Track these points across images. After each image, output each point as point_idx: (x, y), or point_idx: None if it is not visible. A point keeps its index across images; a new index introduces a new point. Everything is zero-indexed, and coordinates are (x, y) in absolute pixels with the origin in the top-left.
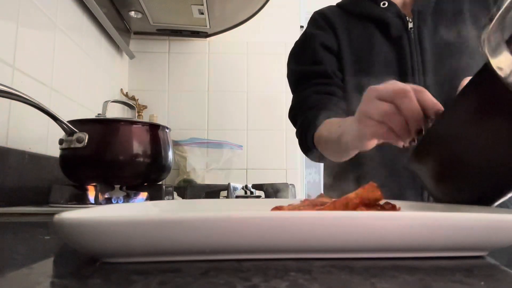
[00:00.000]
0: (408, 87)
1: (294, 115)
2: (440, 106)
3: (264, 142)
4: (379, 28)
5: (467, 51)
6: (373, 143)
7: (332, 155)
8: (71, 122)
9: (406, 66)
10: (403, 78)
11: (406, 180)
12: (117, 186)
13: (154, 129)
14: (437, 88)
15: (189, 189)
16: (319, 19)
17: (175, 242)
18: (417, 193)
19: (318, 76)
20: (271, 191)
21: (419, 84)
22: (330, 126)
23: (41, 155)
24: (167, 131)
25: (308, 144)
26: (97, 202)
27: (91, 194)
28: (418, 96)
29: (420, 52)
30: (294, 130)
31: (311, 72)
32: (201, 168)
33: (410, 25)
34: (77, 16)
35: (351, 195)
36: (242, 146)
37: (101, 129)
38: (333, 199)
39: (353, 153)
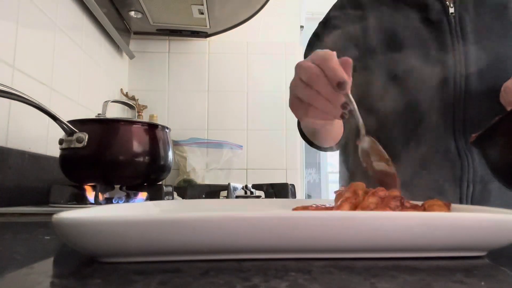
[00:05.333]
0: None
1: None
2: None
3: (264, 142)
4: (415, 10)
5: (508, 41)
6: (312, 117)
7: (316, 142)
8: (71, 122)
9: (447, 52)
10: (444, 64)
11: (444, 172)
12: (117, 186)
13: (154, 129)
14: (480, 76)
15: (189, 189)
16: (345, 0)
17: (175, 242)
18: (456, 184)
19: None
20: (271, 191)
21: (460, 71)
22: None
23: (41, 155)
24: (167, 131)
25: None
26: (97, 202)
27: (91, 194)
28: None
29: (462, 38)
30: (294, 130)
31: None
32: (201, 168)
33: (451, 10)
34: (77, 16)
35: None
36: (242, 146)
37: (101, 129)
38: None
39: (322, 137)
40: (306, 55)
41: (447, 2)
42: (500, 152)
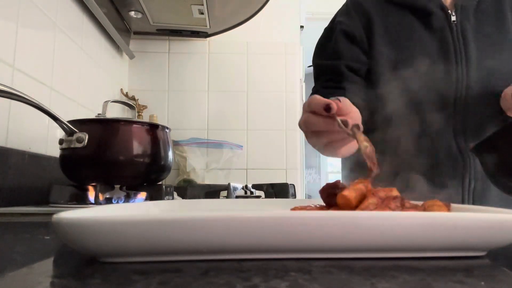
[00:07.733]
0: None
1: None
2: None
3: (264, 142)
4: (419, 18)
5: (508, 49)
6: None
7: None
8: (71, 122)
9: (449, 58)
10: (447, 69)
11: (446, 169)
12: (117, 186)
13: (154, 129)
14: (480, 81)
15: (189, 189)
16: (350, 5)
17: (175, 242)
18: (458, 183)
19: (330, 72)
20: (271, 191)
21: (462, 76)
22: None
23: (41, 155)
24: (167, 131)
25: None
26: (97, 202)
27: (91, 194)
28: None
29: (464, 45)
30: (294, 130)
31: (325, 67)
32: (201, 168)
33: (453, 18)
34: (77, 16)
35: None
36: (242, 146)
37: (101, 129)
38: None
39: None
40: (315, 59)
41: (449, 11)
42: (496, 161)
